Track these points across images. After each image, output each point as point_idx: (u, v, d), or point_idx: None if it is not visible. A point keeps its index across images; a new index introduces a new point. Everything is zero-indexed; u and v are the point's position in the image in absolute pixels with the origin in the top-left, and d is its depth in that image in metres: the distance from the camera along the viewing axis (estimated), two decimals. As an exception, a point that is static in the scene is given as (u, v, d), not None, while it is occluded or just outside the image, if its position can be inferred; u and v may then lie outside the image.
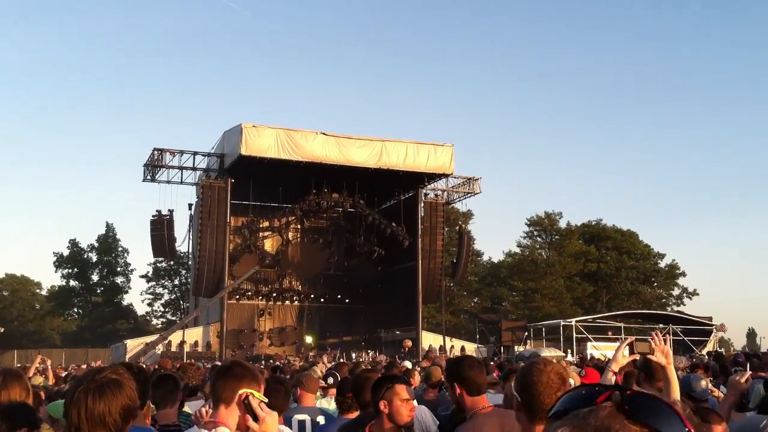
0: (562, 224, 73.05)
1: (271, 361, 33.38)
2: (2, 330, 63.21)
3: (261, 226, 48.40)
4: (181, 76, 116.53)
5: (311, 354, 41.69)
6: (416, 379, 10.70)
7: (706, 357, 20.06)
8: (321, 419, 6.47)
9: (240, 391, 3.36)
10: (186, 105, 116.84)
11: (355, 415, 5.65)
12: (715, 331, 48.72)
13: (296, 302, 49.81)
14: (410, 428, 4.64)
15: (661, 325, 50.37)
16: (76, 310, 77.64)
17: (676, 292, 74.88)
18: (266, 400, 3.56)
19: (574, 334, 45.22)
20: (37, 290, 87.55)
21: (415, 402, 4.65)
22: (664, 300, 73.76)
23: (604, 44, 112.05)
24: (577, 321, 47.08)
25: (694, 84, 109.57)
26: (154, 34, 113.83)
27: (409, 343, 43.43)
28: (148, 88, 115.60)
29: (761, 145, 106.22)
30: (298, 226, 50.69)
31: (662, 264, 73.86)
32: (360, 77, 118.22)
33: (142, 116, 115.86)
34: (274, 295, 48.85)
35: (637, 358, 4.28)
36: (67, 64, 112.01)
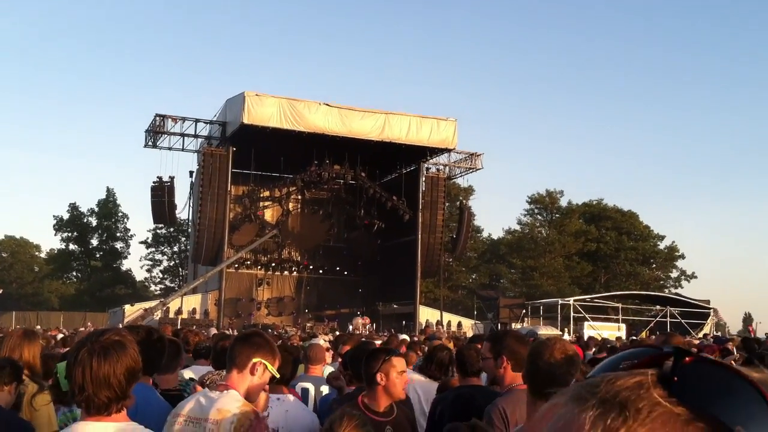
0: (563, 203, 73.03)
1: (270, 330, 33.47)
2: (1, 291, 63.46)
3: (261, 195, 48.26)
4: (184, 43, 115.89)
5: (308, 325, 41.80)
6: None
7: (710, 340, 19.94)
8: (325, 389, 6.44)
9: (254, 360, 3.50)
10: (189, 72, 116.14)
11: (353, 387, 5.60)
12: (712, 314, 48.77)
13: (295, 273, 49.82)
14: (404, 401, 4.66)
15: (658, 307, 50.51)
16: (75, 273, 77.84)
17: (674, 274, 74.97)
18: (278, 375, 3.73)
19: (572, 314, 45.33)
20: (36, 253, 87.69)
21: (410, 374, 4.65)
22: (662, 282, 73.79)
23: (605, 23, 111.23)
24: (575, 300, 47.18)
25: (694, 63, 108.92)
26: (157, 0, 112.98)
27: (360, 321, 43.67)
28: (151, 55, 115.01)
29: (762, 126, 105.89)
30: (299, 197, 50.55)
31: (661, 246, 73.82)
32: (364, 49, 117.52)
33: (145, 82, 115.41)
34: (273, 265, 48.86)
35: None
36: (69, 29, 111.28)
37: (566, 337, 33.43)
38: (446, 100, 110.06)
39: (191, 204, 46.06)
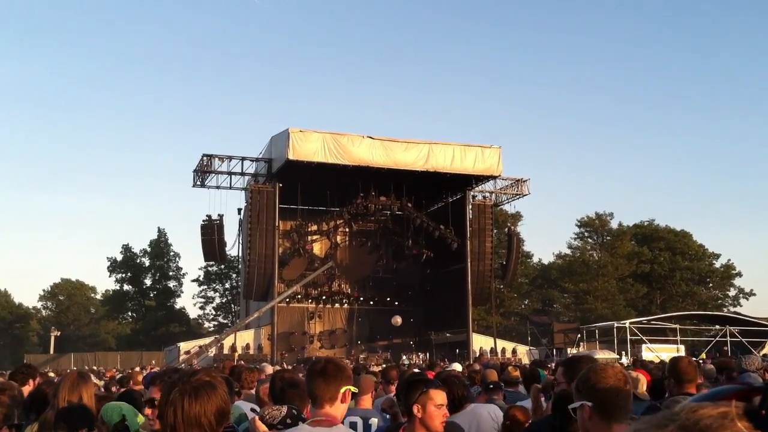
0: (614, 225, 72.14)
1: (313, 360, 33.42)
2: (59, 333, 64.81)
3: (309, 229, 48.55)
4: (228, 83, 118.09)
5: (362, 356, 41.71)
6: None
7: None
8: (374, 421, 6.35)
9: (342, 389, 3.69)
10: (234, 111, 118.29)
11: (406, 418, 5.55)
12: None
13: (345, 305, 49.83)
14: None
15: (717, 326, 49.35)
16: (130, 313, 78.98)
17: (732, 292, 73.35)
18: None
19: (629, 336, 44.50)
20: (92, 294, 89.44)
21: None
22: (720, 301, 72.20)
23: (650, 43, 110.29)
24: (631, 323, 46.30)
25: (745, 75, 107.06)
26: (200, 41, 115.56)
27: (398, 320, 43.37)
28: (196, 96, 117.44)
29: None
30: (347, 230, 50.76)
31: (717, 264, 72.35)
32: (406, 80, 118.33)
33: (191, 124, 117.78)
34: (324, 298, 48.96)
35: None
36: (118, 74, 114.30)
37: (623, 360, 32.81)
38: (490, 127, 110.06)
39: (240, 241, 46.56)
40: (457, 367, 16.23)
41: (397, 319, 45.89)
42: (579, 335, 47.17)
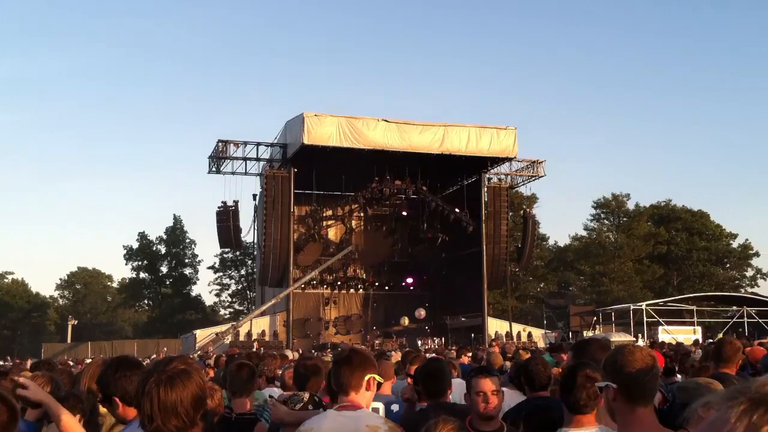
0: (630, 206, 71.71)
1: (339, 349, 33.43)
2: (76, 322, 65.11)
3: (324, 214, 48.46)
4: (242, 69, 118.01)
5: (377, 342, 41.70)
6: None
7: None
8: (395, 407, 6.30)
9: (366, 377, 3.80)
10: (248, 96, 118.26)
11: (424, 404, 5.50)
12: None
13: (361, 290, 49.84)
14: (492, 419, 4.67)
15: (734, 308, 48.98)
16: (146, 301, 79.31)
17: (749, 273, 72.90)
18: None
19: (645, 318, 44.24)
20: (109, 283, 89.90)
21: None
22: (737, 281, 71.77)
23: (665, 21, 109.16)
24: (647, 305, 46.03)
25: (761, 55, 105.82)
26: (214, 28, 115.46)
27: (422, 313, 43.19)
28: (211, 82, 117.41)
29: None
30: (362, 214, 50.65)
31: (735, 244, 71.89)
32: (420, 62, 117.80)
33: (206, 110, 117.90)
34: (339, 283, 48.94)
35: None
36: (133, 63, 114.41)
37: (640, 342, 32.60)
38: (505, 109, 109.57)
39: (256, 227, 46.56)
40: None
41: (421, 312, 45.98)
42: (595, 318, 46.92)
